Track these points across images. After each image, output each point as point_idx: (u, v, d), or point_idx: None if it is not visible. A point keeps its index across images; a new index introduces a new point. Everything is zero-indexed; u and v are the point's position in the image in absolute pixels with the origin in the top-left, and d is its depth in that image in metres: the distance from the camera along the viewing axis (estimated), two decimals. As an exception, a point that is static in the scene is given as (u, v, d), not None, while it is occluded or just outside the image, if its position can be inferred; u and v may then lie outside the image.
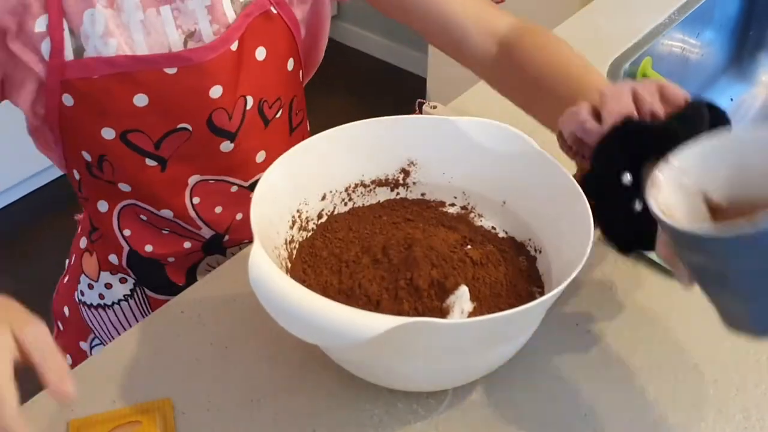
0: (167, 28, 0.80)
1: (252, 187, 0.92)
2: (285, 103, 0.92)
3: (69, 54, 0.77)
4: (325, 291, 0.72)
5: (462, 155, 0.81)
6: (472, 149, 0.80)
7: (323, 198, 0.80)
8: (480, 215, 0.82)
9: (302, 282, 0.73)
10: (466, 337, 0.62)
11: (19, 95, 0.80)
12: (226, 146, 0.87)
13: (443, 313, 0.69)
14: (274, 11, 0.86)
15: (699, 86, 1.51)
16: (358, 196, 0.82)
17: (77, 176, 0.88)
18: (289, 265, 0.75)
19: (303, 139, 0.77)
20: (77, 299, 0.99)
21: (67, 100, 0.78)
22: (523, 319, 0.63)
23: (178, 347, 0.79)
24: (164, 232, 0.91)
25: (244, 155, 0.89)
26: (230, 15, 0.82)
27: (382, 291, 0.70)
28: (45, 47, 0.76)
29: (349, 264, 0.74)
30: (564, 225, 0.73)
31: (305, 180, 0.78)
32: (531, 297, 0.73)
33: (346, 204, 0.82)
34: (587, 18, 1.34)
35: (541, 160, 0.77)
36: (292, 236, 0.77)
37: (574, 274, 0.63)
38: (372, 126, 0.80)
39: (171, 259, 0.94)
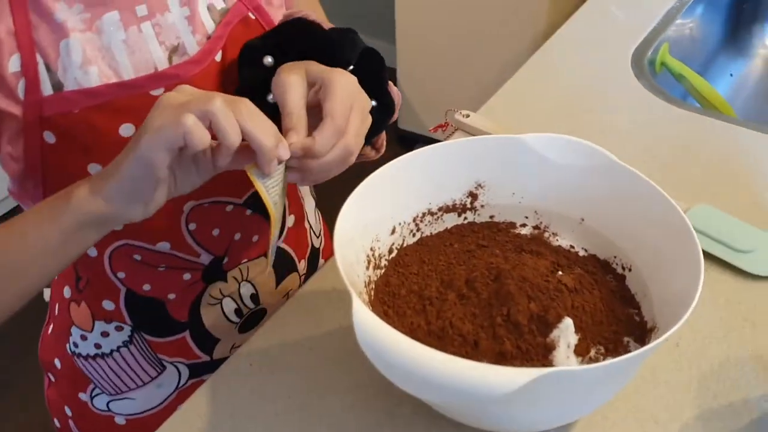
0: (150, 45, 0.75)
1: (246, 204, 0.87)
2: None
3: (47, 89, 0.71)
4: (413, 334, 0.68)
5: (532, 173, 0.77)
6: (543, 166, 0.76)
7: (393, 232, 0.75)
8: (555, 234, 0.78)
9: (386, 326, 0.69)
10: (600, 379, 0.59)
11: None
12: None
13: (548, 349, 0.65)
14: (252, 17, 0.82)
15: (701, 64, 1.50)
16: (425, 225, 0.78)
17: None
18: (370, 308, 0.70)
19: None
20: (70, 351, 0.92)
21: (49, 137, 0.73)
22: (647, 353, 0.60)
23: (255, 403, 0.74)
24: (160, 269, 0.85)
25: (235, 171, 0.85)
26: (209, 25, 0.78)
27: (478, 329, 0.66)
28: (21, 87, 0.71)
29: (433, 301, 0.70)
30: (657, 239, 0.69)
31: (375, 216, 0.73)
32: (630, 320, 0.69)
33: (414, 235, 0.77)
34: (598, 8, 1.31)
35: (619, 171, 0.73)
36: (369, 277, 0.72)
37: (696, 299, 0.60)
38: (438, 151, 0.75)
39: (171, 296, 0.88)
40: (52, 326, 0.96)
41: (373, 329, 0.56)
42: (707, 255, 0.84)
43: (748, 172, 0.97)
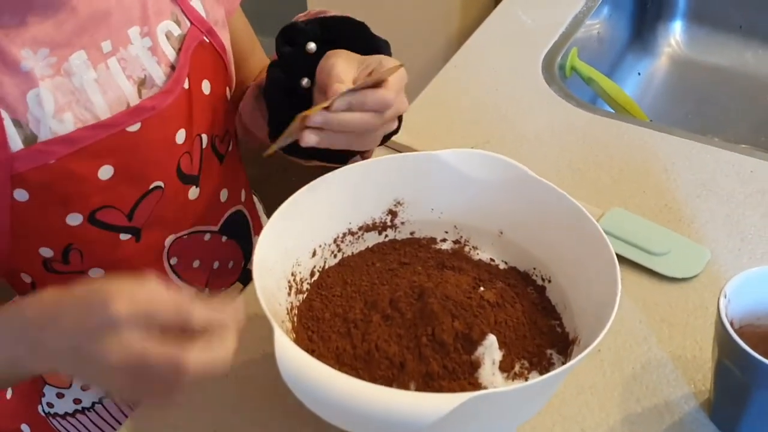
0: (119, 80, 0.74)
1: (222, 230, 0.86)
2: (232, 134, 0.89)
3: (16, 145, 0.68)
4: (339, 359, 0.67)
5: (450, 188, 0.77)
6: (460, 181, 0.76)
7: (314, 254, 0.74)
8: (475, 248, 0.78)
9: (311, 352, 0.68)
10: (528, 397, 0.59)
11: None
12: (193, 192, 0.83)
13: (474, 366, 0.65)
14: (207, 40, 0.82)
15: (610, 64, 1.53)
16: (346, 245, 0.77)
17: (28, 279, 0.79)
18: (294, 335, 0.69)
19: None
20: (43, 412, 0.88)
21: (20, 195, 0.69)
22: (574, 366, 0.60)
23: (179, 440, 0.72)
24: None
25: (209, 198, 0.86)
26: (170, 53, 0.78)
27: (404, 351, 0.66)
28: None
29: (358, 324, 0.69)
30: (574, 250, 0.70)
31: (295, 240, 0.72)
32: (553, 332, 0.70)
33: (335, 256, 0.77)
34: (508, 12, 1.32)
35: (534, 183, 0.74)
36: (291, 303, 0.71)
37: (615, 310, 0.61)
38: (355, 170, 0.75)
39: None
40: (10, 391, 0.90)
41: (298, 365, 0.55)
42: (623, 259, 0.86)
43: (660, 174, 0.99)
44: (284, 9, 2.91)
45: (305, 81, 0.76)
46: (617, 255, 0.85)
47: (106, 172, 0.72)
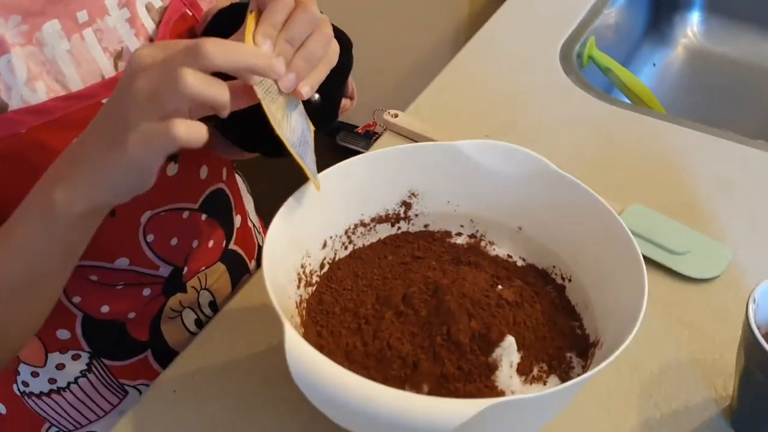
0: (94, 52, 0.70)
1: (202, 208, 0.84)
2: None
3: None
4: (349, 356, 0.64)
5: (466, 180, 0.74)
6: (477, 173, 0.73)
7: (324, 246, 0.72)
8: (492, 243, 0.75)
9: (320, 348, 0.65)
10: (548, 404, 0.56)
11: None
12: (172, 168, 0.79)
13: (491, 369, 0.62)
14: (189, 13, 0.79)
15: (625, 55, 1.50)
16: (358, 237, 0.74)
17: None
18: (303, 330, 0.66)
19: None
20: (18, 392, 0.86)
21: None
22: (598, 372, 0.57)
23: (181, 435, 0.69)
24: (119, 287, 0.81)
25: (188, 174, 0.82)
26: (149, 25, 0.75)
27: (417, 350, 0.63)
28: None
29: (369, 320, 0.67)
30: (597, 249, 0.67)
31: (305, 230, 0.69)
32: (573, 334, 0.67)
33: (346, 248, 0.74)
34: (523, 1, 1.29)
35: (556, 178, 0.71)
36: (300, 296, 0.68)
37: (641, 314, 0.58)
38: (368, 160, 0.72)
39: (131, 315, 0.84)
40: None
41: (310, 365, 0.52)
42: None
43: (678, 169, 0.96)
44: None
45: None
46: (636, 253, 0.83)
47: None
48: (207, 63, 0.53)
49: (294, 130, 0.63)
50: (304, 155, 0.64)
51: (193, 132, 0.53)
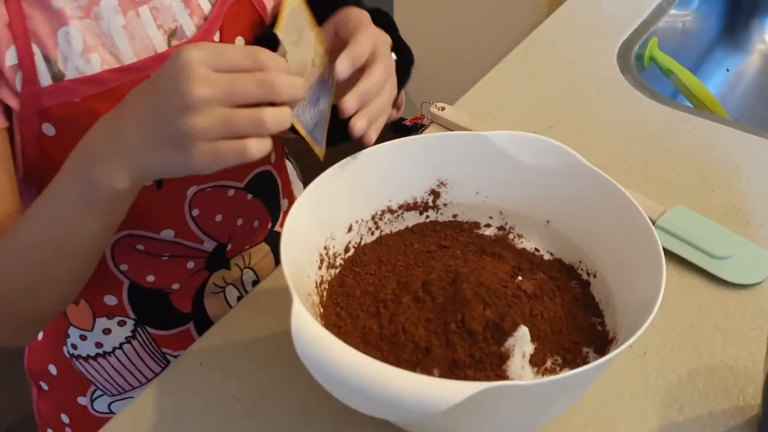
0: (149, 29, 0.73)
1: (248, 188, 0.86)
2: None
3: (45, 80, 0.68)
4: (365, 338, 0.65)
5: (497, 172, 0.74)
6: (509, 165, 0.73)
7: (350, 230, 0.72)
8: (520, 236, 0.75)
9: (337, 328, 0.66)
10: (551, 394, 0.56)
11: None
12: None
13: (502, 358, 0.62)
14: None
15: (696, 59, 1.46)
16: (385, 223, 0.75)
17: None
18: (322, 310, 0.67)
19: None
20: (68, 354, 0.90)
21: (48, 129, 0.70)
22: (604, 366, 0.57)
23: (203, 405, 0.71)
24: (164, 258, 0.84)
25: None
26: (205, 6, 0.77)
27: (431, 335, 0.63)
28: (18, 80, 0.68)
29: (388, 304, 0.67)
30: (623, 247, 0.66)
31: (330, 213, 0.70)
32: (593, 330, 0.66)
33: (372, 233, 0.74)
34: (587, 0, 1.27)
35: (588, 174, 0.70)
36: (321, 277, 0.69)
37: (654, 312, 0.57)
38: (399, 147, 0.72)
39: (175, 286, 0.87)
40: (42, 334, 0.93)
41: (311, 338, 0.53)
42: (681, 260, 0.82)
43: (731, 174, 0.93)
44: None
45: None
46: (676, 255, 0.82)
47: None
48: (266, 128, 0.57)
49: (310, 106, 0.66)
50: (315, 128, 0.66)
51: (263, 148, 0.58)
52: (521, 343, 0.62)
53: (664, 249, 0.81)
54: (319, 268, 0.69)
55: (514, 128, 0.74)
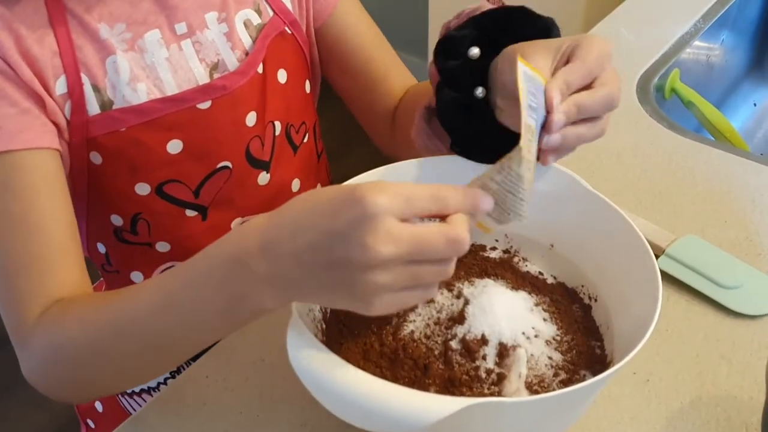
0: (191, 62, 0.76)
1: None
2: (309, 127, 0.89)
3: (93, 109, 0.71)
4: (365, 355, 0.66)
5: (503, 195, 0.74)
6: (514, 188, 0.74)
7: (356, 248, 0.74)
8: (525, 259, 0.76)
9: (339, 345, 0.67)
10: (537, 414, 0.56)
11: None
12: (263, 178, 0.83)
13: (499, 378, 0.63)
14: (289, 31, 0.83)
15: (722, 92, 1.46)
16: (392, 243, 0.76)
17: (103, 249, 0.82)
18: (324, 326, 0.68)
19: (327, 167, 0.71)
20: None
21: (95, 158, 0.73)
22: (596, 388, 0.57)
23: (205, 418, 0.72)
24: None
25: (280, 185, 0.86)
26: (246, 40, 0.79)
27: (429, 353, 0.64)
28: (68, 109, 0.71)
29: (390, 320, 0.68)
30: (624, 272, 0.67)
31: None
32: (591, 353, 0.67)
33: (379, 253, 0.75)
34: (610, 28, 1.28)
35: (592, 200, 0.70)
36: (326, 294, 0.70)
37: (647, 336, 0.57)
38: (405, 168, 0.73)
39: None
40: None
41: (305, 350, 0.54)
42: (689, 289, 0.81)
43: (746, 205, 0.93)
44: (406, 19, 2.91)
45: (479, 90, 0.69)
46: (684, 284, 0.82)
47: (174, 146, 0.74)
48: (449, 275, 0.55)
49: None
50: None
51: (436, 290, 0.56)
52: (518, 364, 0.63)
53: (672, 277, 0.82)
54: (324, 284, 0.70)
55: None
